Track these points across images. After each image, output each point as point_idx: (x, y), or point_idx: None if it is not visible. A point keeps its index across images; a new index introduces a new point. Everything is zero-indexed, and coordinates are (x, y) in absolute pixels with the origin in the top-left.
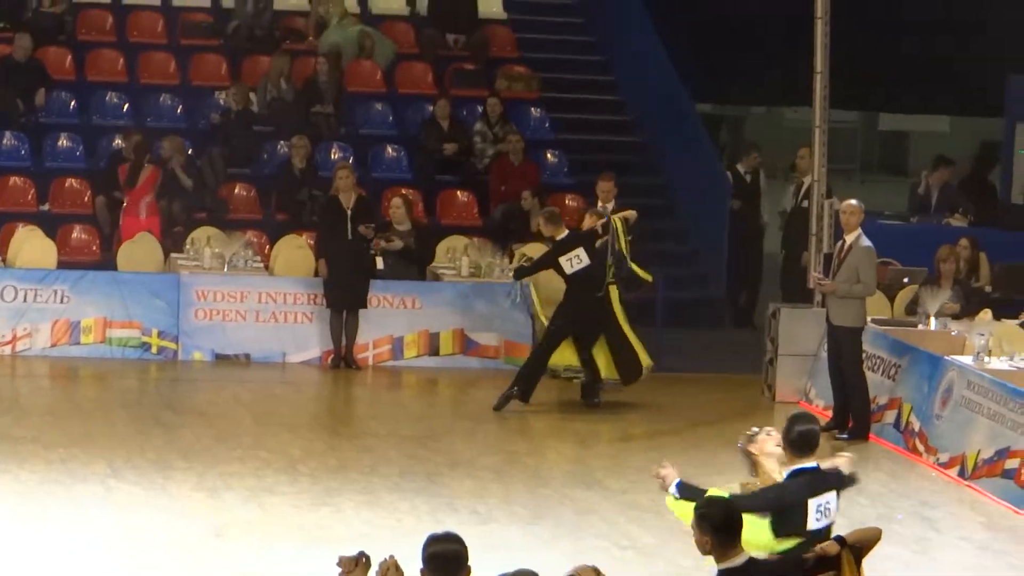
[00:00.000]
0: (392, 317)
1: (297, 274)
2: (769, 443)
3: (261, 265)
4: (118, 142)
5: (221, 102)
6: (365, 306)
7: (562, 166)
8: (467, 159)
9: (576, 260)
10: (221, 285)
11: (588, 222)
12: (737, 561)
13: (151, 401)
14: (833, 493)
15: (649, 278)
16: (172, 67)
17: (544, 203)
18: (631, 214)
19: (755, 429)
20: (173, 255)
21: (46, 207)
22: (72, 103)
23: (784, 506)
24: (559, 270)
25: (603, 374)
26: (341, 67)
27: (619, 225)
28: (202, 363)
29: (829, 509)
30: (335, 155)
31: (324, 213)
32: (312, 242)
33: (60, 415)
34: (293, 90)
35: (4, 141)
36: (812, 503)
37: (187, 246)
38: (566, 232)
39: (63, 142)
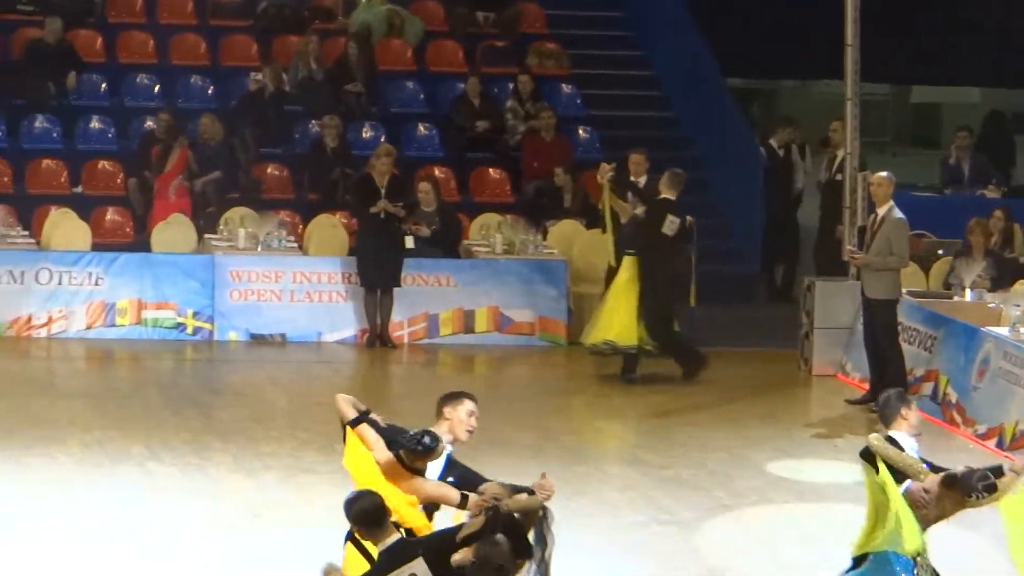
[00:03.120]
0: (426, 295)
1: (331, 253)
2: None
3: (295, 245)
4: (149, 123)
5: (255, 82)
6: (399, 284)
7: (594, 142)
8: (499, 136)
9: (673, 225)
10: (255, 265)
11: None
12: None
13: (187, 382)
14: None
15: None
16: (202, 48)
17: (576, 180)
18: None
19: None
20: (207, 236)
21: (79, 189)
22: (103, 85)
23: None
24: (656, 225)
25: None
26: (371, 46)
27: None
28: (238, 343)
29: None
30: (367, 134)
31: (357, 191)
32: (345, 221)
33: (97, 397)
34: (323, 69)
35: (36, 124)
36: None
37: (221, 227)
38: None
39: (95, 124)
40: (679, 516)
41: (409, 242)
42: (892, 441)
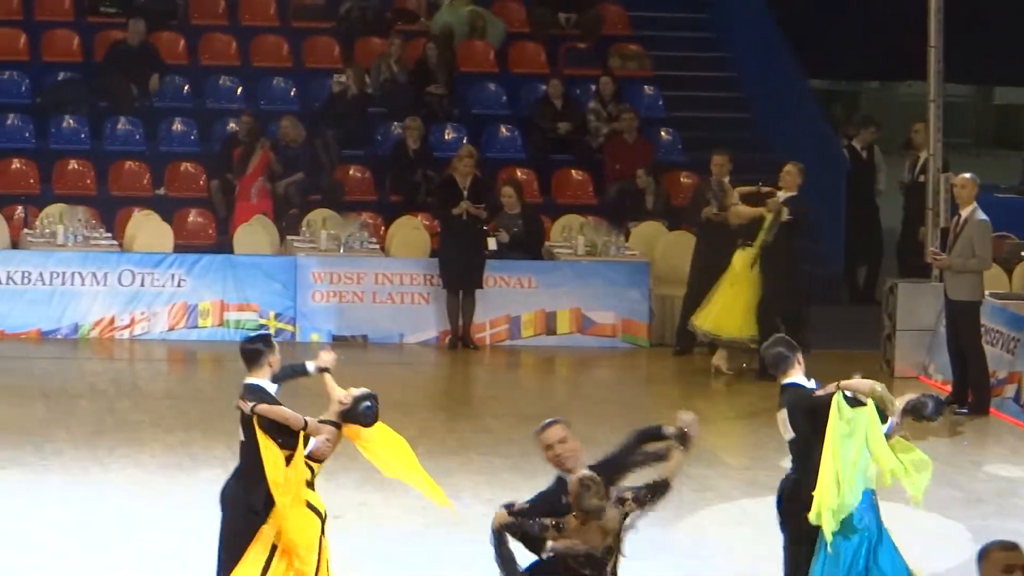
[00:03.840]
0: (509, 297)
1: (413, 255)
2: None
3: (377, 246)
4: (232, 125)
5: (338, 84)
6: (481, 286)
7: (676, 143)
8: (581, 138)
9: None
10: (338, 267)
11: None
12: None
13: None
14: None
15: None
16: (285, 50)
17: (659, 181)
18: None
19: None
20: (289, 237)
21: (161, 191)
22: (186, 87)
23: None
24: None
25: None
26: (453, 48)
27: None
28: (319, 345)
29: None
30: (449, 136)
31: (439, 192)
32: (427, 223)
33: (179, 399)
34: (406, 71)
35: (119, 126)
36: None
37: (303, 228)
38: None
39: (177, 126)
40: (757, 518)
41: (491, 244)
42: (797, 386)
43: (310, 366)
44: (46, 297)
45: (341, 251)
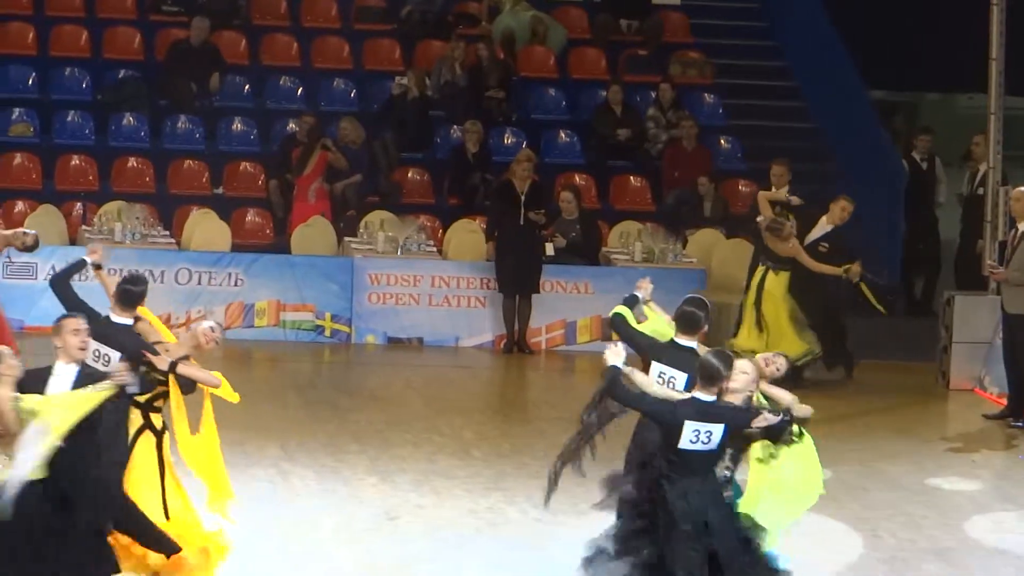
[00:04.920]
0: (565, 302)
1: (470, 258)
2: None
3: (434, 249)
4: (291, 126)
5: (398, 86)
6: (537, 291)
7: (735, 152)
8: (640, 144)
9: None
10: (394, 269)
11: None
12: None
13: (324, 384)
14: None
15: None
16: (345, 52)
17: (717, 189)
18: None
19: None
20: (346, 239)
21: (220, 190)
22: (246, 87)
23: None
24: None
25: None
26: (514, 52)
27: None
28: (375, 347)
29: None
30: (508, 140)
31: (497, 197)
32: (484, 226)
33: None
34: (466, 75)
35: (179, 125)
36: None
37: (360, 230)
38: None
39: (237, 126)
40: (813, 527)
41: (549, 249)
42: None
43: (88, 259)
44: (103, 293)
45: (398, 253)
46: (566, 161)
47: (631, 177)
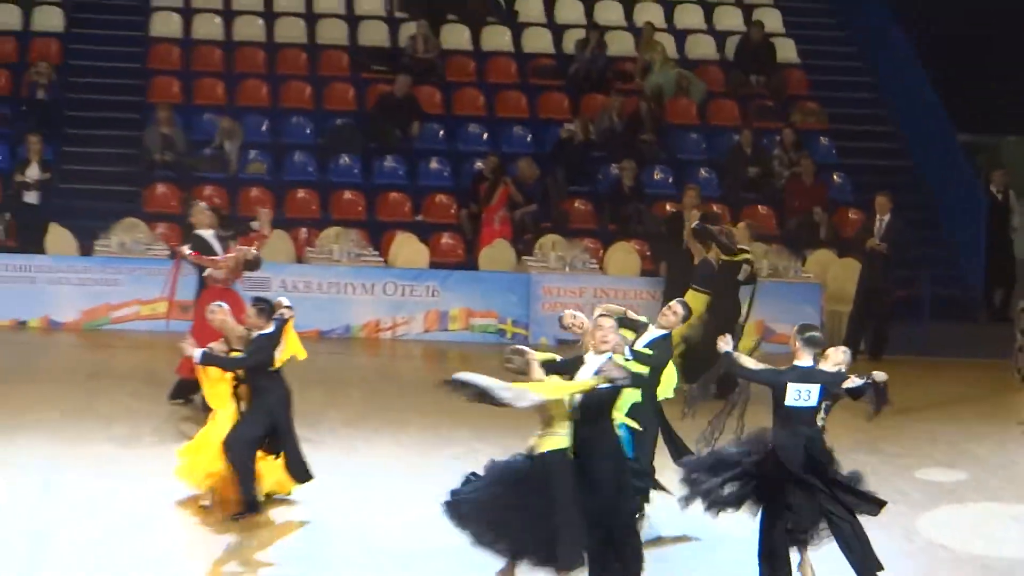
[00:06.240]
0: None
1: (626, 274)
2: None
3: (596, 266)
4: (479, 164)
5: (567, 131)
6: None
7: (846, 186)
8: (767, 179)
9: (745, 272)
10: (563, 283)
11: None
12: None
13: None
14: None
15: None
16: (523, 103)
17: (832, 217)
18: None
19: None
20: (524, 258)
21: (419, 218)
22: (441, 132)
23: None
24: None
25: None
26: (662, 103)
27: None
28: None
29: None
30: (657, 176)
31: (670, 226)
32: (638, 247)
33: (432, 389)
34: (622, 122)
35: (385, 164)
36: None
37: (536, 250)
38: None
39: (433, 165)
40: (910, 497)
41: None
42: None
43: None
44: (324, 303)
45: (566, 270)
46: (705, 194)
47: (759, 207)
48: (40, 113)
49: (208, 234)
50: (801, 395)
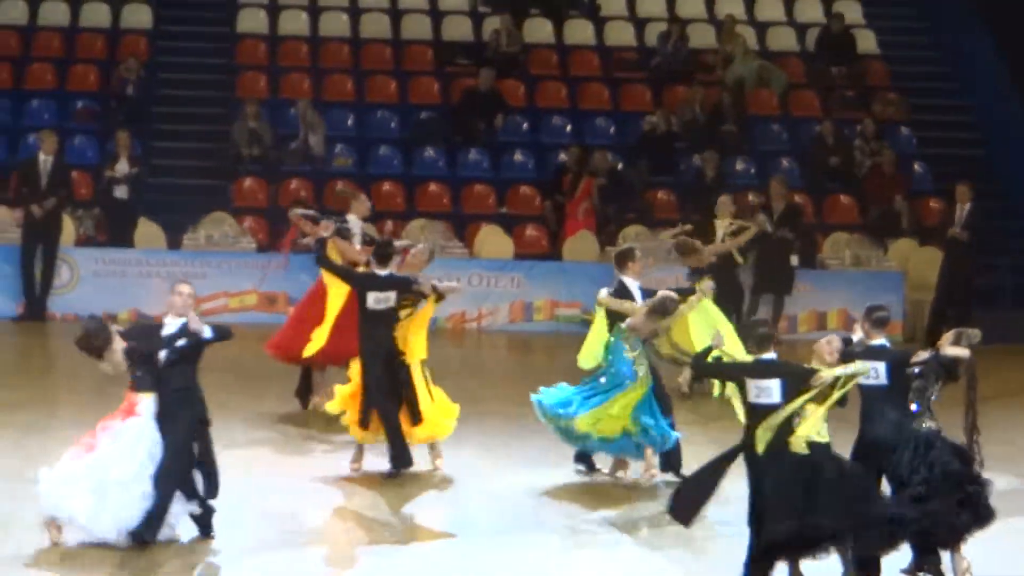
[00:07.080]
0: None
1: None
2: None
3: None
4: (562, 157)
5: (649, 123)
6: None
7: (926, 176)
8: (848, 169)
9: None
10: (647, 272)
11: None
12: None
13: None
14: None
15: None
16: (606, 95)
17: (912, 206)
18: None
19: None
20: (608, 248)
21: (504, 210)
22: (524, 125)
23: None
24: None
25: None
26: (744, 95)
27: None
28: None
29: None
30: (739, 167)
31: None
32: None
33: (516, 377)
34: (704, 113)
35: (470, 156)
36: None
37: (619, 241)
38: None
39: (517, 157)
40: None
41: (793, 260)
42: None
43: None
44: None
45: (650, 261)
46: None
47: (841, 196)
48: (129, 109)
49: (356, 223)
50: (871, 375)
